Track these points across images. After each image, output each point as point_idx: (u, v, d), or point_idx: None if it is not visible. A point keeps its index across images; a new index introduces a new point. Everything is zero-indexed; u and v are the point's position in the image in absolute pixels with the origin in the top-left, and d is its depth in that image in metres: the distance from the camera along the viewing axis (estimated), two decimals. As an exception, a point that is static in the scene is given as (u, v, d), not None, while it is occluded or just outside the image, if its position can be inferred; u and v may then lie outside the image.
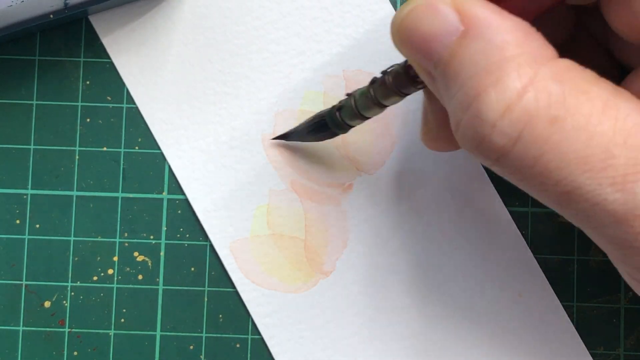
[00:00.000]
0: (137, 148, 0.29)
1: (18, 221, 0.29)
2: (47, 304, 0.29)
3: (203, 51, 0.29)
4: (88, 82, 0.29)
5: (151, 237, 0.29)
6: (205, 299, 0.29)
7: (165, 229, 0.29)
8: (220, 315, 0.29)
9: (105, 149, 0.29)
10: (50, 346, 0.29)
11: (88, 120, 0.29)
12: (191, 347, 0.29)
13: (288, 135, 0.28)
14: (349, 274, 0.28)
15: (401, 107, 0.28)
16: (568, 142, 0.17)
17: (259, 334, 0.28)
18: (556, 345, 0.28)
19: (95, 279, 0.29)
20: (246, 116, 0.29)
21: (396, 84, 0.23)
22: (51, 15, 0.26)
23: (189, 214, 0.29)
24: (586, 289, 0.29)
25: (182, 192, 0.29)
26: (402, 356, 0.28)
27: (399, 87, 0.23)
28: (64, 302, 0.29)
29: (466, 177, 0.29)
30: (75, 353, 0.29)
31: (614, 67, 0.24)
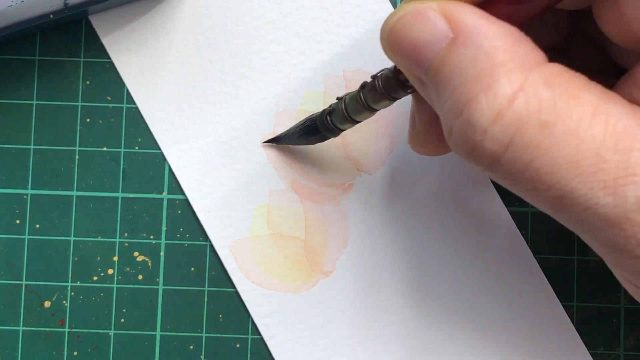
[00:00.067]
0: (137, 148, 0.29)
1: (18, 221, 0.29)
2: (47, 304, 0.29)
3: (203, 51, 0.29)
4: (88, 82, 0.29)
5: (151, 237, 0.29)
6: (205, 299, 0.29)
7: (165, 229, 0.29)
8: (220, 315, 0.29)
9: (105, 149, 0.29)
10: (50, 346, 0.29)
11: (88, 120, 0.29)
12: (191, 347, 0.29)
13: (279, 139, 0.28)
14: (348, 274, 0.28)
15: (401, 108, 0.28)
16: (559, 147, 0.17)
17: (259, 334, 0.28)
18: (556, 345, 0.28)
19: (95, 279, 0.29)
20: (246, 116, 0.29)
21: (386, 88, 0.23)
22: (51, 15, 0.26)
23: (189, 214, 0.29)
24: (586, 289, 0.29)
25: (182, 192, 0.29)
26: (402, 356, 0.28)
27: (388, 92, 0.23)
28: (64, 302, 0.29)
29: (466, 177, 0.29)
30: (75, 353, 0.29)
31: (612, 68, 0.24)
